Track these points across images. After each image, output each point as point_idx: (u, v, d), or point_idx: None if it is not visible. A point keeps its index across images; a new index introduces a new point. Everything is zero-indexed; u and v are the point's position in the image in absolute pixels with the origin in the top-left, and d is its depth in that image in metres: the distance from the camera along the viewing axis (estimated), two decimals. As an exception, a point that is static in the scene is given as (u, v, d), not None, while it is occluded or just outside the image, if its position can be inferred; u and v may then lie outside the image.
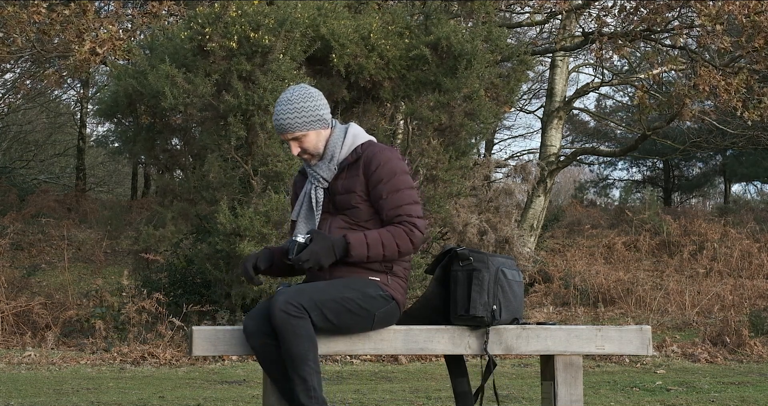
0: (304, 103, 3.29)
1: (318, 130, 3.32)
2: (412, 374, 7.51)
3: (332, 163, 3.33)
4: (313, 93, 3.33)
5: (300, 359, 3.04)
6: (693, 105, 12.51)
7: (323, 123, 3.33)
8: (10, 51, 10.99)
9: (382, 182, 3.26)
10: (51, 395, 6.01)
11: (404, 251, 3.26)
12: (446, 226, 10.81)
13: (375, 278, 3.26)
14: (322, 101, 3.35)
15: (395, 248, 3.24)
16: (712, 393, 6.21)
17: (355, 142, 3.35)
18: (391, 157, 3.30)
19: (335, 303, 3.13)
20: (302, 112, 3.28)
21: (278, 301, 3.05)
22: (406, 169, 3.34)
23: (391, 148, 3.37)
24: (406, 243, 3.24)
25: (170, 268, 9.26)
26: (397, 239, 3.23)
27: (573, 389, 3.37)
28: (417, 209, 3.30)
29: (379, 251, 3.22)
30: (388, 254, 3.24)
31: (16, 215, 14.90)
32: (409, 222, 3.26)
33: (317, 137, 3.33)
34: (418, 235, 3.26)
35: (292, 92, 3.32)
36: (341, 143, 3.34)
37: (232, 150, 8.54)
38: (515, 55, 10.20)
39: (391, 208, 3.27)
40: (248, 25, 8.45)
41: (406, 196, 3.28)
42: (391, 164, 3.28)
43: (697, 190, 25.49)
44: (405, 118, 10.00)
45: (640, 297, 11.22)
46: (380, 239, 3.22)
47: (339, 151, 3.33)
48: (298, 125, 3.29)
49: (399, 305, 3.30)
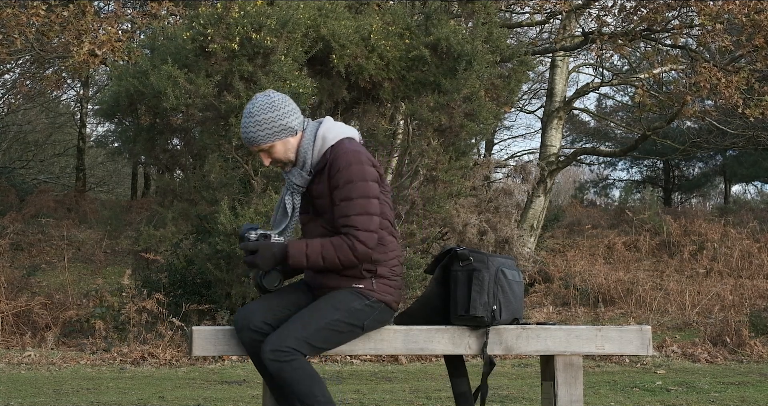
0: (266, 114, 3.20)
1: (285, 140, 3.24)
2: (412, 374, 7.51)
3: (304, 169, 3.27)
4: (276, 102, 3.23)
5: (308, 397, 3.05)
6: (693, 103, 12.51)
7: (289, 132, 3.23)
8: (9, 52, 10.99)
9: (338, 188, 3.17)
10: (51, 395, 6.02)
11: (346, 264, 3.16)
12: (446, 226, 10.82)
13: (358, 284, 3.22)
14: (287, 109, 3.24)
15: (336, 261, 3.15)
16: (712, 393, 6.22)
17: (324, 145, 3.24)
18: (351, 161, 3.15)
19: (321, 331, 3.12)
20: (264, 124, 3.20)
21: (265, 351, 3.04)
22: (368, 176, 3.16)
23: (357, 151, 3.20)
24: (347, 256, 3.14)
25: (170, 268, 9.26)
26: (338, 251, 3.14)
27: (573, 389, 3.37)
28: (364, 221, 3.13)
29: (318, 262, 3.16)
30: (329, 265, 3.17)
31: (16, 215, 14.90)
32: (353, 235, 3.13)
33: (285, 146, 3.25)
34: (361, 249, 3.13)
35: (254, 103, 3.23)
36: (311, 148, 3.25)
37: (232, 150, 8.54)
38: (515, 55, 10.20)
39: (339, 216, 3.16)
40: (250, 26, 8.45)
41: (356, 206, 3.13)
42: (348, 170, 3.14)
43: (697, 190, 25.49)
44: (405, 119, 9.99)
45: (640, 297, 11.22)
46: (321, 250, 3.15)
47: (310, 156, 3.26)
48: (262, 138, 3.21)
49: (389, 304, 3.27)
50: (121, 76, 9.07)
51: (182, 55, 8.70)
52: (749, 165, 21.53)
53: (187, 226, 9.18)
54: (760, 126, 15.51)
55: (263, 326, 3.15)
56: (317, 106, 10.07)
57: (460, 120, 9.12)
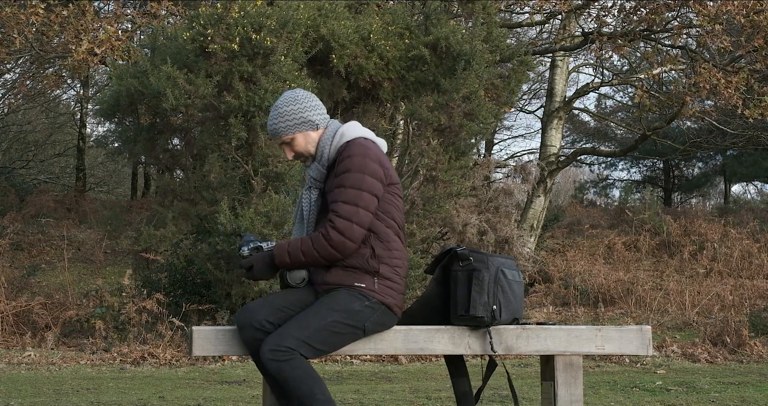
0: (288, 107, 3.31)
1: (305, 133, 3.32)
2: (412, 374, 7.51)
3: (321, 163, 3.33)
4: (300, 96, 3.33)
5: (307, 396, 3.05)
6: (693, 104, 12.52)
7: (309, 125, 3.32)
8: (9, 52, 10.99)
9: (336, 176, 3.23)
10: (51, 395, 6.02)
11: (325, 256, 3.18)
12: (446, 226, 10.82)
13: (360, 283, 3.21)
14: (310, 103, 3.33)
15: (314, 254, 3.18)
16: (712, 393, 6.22)
17: (340, 141, 3.31)
18: (354, 153, 3.21)
19: (320, 332, 3.12)
20: (286, 115, 3.31)
21: (264, 351, 3.06)
22: (367, 170, 3.19)
23: (365, 146, 3.25)
24: (323, 247, 3.16)
25: (170, 268, 9.26)
26: (314, 243, 3.17)
27: (573, 389, 3.37)
28: (348, 210, 3.14)
29: (299, 257, 3.19)
30: (310, 260, 3.19)
31: (16, 215, 14.90)
32: (331, 221, 3.15)
33: (305, 139, 3.33)
34: (335, 237, 3.13)
35: (281, 98, 3.37)
36: (330, 143, 3.32)
37: (232, 150, 8.54)
38: (515, 55, 10.21)
39: (330, 202, 3.22)
40: (250, 26, 8.46)
41: (344, 194, 3.16)
42: (350, 160, 3.19)
43: (697, 190, 25.49)
44: (405, 119, 10.00)
45: (640, 297, 11.22)
46: (300, 245, 3.19)
47: (328, 151, 3.32)
48: (283, 129, 3.31)
49: (391, 308, 3.25)
50: (121, 76, 9.07)
51: (182, 56, 8.70)
52: (749, 165, 21.53)
53: (187, 226, 9.18)
54: (760, 126, 15.52)
55: (266, 325, 3.15)
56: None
57: (459, 120, 9.13)
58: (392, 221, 3.28)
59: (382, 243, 3.23)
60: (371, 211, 3.19)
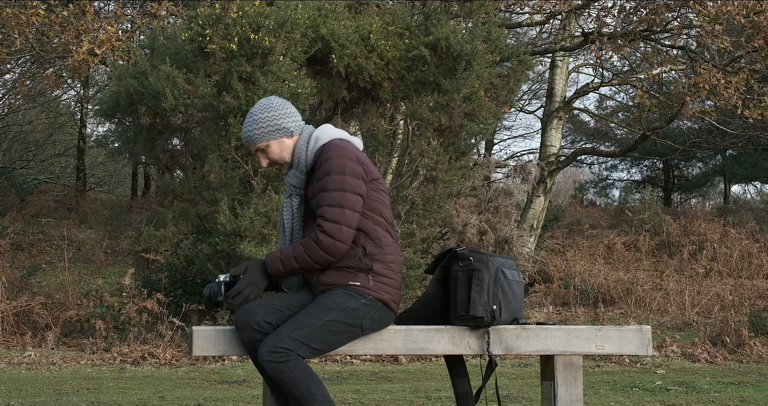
0: (262, 114, 3.32)
1: (280, 140, 3.33)
2: (412, 374, 7.51)
3: (299, 169, 3.33)
4: (274, 104, 3.34)
5: (306, 397, 3.05)
6: (693, 104, 12.52)
7: (284, 132, 3.32)
8: (9, 52, 10.99)
9: (317, 180, 3.23)
10: (51, 395, 6.02)
11: (318, 260, 3.17)
12: (446, 226, 10.83)
13: (355, 282, 3.21)
14: (284, 111, 3.33)
15: (307, 259, 3.17)
16: (712, 393, 6.22)
17: (316, 145, 3.31)
18: (332, 155, 3.20)
19: (317, 332, 3.11)
20: (260, 123, 3.31)
21: (262, 352, 3.06)
22: (347, 170, 3.18)
23: (342, 147, 3.24)
24: (315, 251, 3.16)
25: (170, 268, 9.27)
26: (306, 248, 3.17)
27: (573, 389, 3.37)
28: (334, 213, 3.14)
29: (293, 263, 3.18)
30: (303, 265, 3.19)
31: (16, 215, 14.90)
32: (319, 225, 3.15)
33: (280, 146, 3.33)
34: (325, 240, 3.13)
35: (256, 105, 3.37)
36: (306, 148, 3.32)
37: (232, 150, 8.54)
38: (515, 55, 10.21)
39: (316, 208, 3.21)
40: (249, 26, 8.45)
41: (329, 198, 3.16)
42: (329, 163, 3.19)
43: (697, 190, 25.49)
44: (405, 119, 10.00)
45: (640, 297, 11.23)
46: (292, 251, 3.18)
47: (304, 157, 3.32)
48: (257, 136, 3.31)
49: (387, 303, 3.24)
50: (120, 77, 9.07)
51: (181, 56, 8.70)
52: (749, 165, 21.52)
53: (187, 226, 9.18)
54: (760, 126, 15.51)
55: (264, 325, 3.15)
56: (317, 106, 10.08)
57: (459, 120, 9.13)
58: (380, 217, 3.28)
59: (372, 241, 3.23)
60: (357, 211, 3.19)
